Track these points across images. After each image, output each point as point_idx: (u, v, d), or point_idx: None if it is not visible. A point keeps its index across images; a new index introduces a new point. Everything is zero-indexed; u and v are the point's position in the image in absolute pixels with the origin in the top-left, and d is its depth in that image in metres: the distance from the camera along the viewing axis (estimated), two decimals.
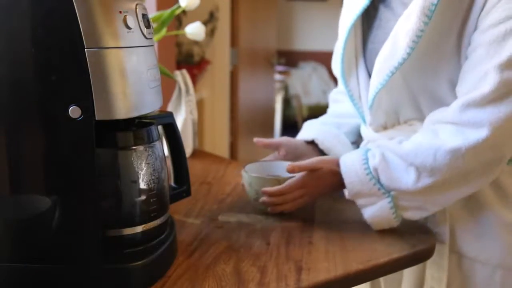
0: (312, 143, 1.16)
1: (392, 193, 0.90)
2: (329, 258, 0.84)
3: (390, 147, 0.92)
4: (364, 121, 1.09)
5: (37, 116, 0.68)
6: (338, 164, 0.95)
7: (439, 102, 0.94)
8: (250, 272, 0.79)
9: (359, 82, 1.07)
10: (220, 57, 2.96)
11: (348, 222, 0.98)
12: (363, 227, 0.95)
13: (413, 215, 0.93)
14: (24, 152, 0.69)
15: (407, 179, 0.88)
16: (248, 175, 1.02)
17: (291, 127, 6.06)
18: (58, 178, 0.69)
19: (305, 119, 6.60)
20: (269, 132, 4.14)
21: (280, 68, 5.85)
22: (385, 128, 1.04)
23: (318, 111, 6.91)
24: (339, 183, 0.94)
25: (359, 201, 0.93)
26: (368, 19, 1.05)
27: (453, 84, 0.92)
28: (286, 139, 1.16)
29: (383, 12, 1.02)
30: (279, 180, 1.00)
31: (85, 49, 0.65)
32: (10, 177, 0.70)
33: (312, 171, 0.96)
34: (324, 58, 6.63)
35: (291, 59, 6.54)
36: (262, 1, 3.56)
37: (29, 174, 0.70)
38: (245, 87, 3.21)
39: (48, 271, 0.71)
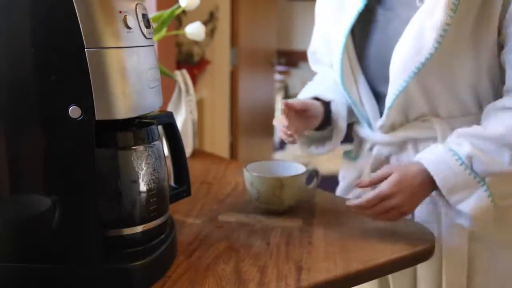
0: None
1: (487, 179, 0.88)
2: (329, 258, 0.84)
3: (474, 133, 0.91)
4: (369, 124, 1.08)
5: (37, 116, 0.68)
6: (418, 167, 0.90)
7: (456, 98, 0.96)
8: (250, 272, 0.79)
9: (359, 89, 1.06)
10: (220, 57, 2.96)
11: (348, 222, 0.98)
12: (363, 227, 0.95)
13: (508, 202, 0.93)
14: (24, 152, 0.69)
15: (502, 160, 0.88)
16: (250, 174, 1.02)
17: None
18: (58, 178, 0.69)
19: None
20: (269, 132, 4.14)
21: (280, 68, 5.85)
22: (393, 129, 1.03)
23: None
24: (429, 183, 0.90)
25: (454, 197, 0.89)
26: (360, 24, 1.03)
27: (469, 81, 0.94)
28: (311, 102, 1.08)
29: (381, 15, 1.02)
30: (280, 180, 1.00)
31: (85, 49, 0.65)
32: (10, 177, 0.70)
33: (397, 182, 0.90)
34: None
35: (291, 59, 6.54)
36: (262, 1, 3.56)
37: (29, 174, 0.70)
38: (245, 87, 3.21)
39: (48, 271, 0.71)
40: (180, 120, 1.39)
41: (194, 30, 1.30)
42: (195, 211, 1.03)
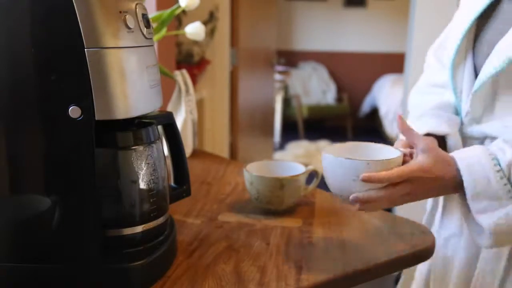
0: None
1: None
2: (329, 258, 0.84)
3: None
4: (461, 116, 1.02)
5: (37, 116, 0.68)
6: (451, 163, 0.80)
7: None
8: (250, 272, 0.79)
9: (465, 74, 1.00)
10: (220, 57, 2.96)
11: (348, 222, 0.98)
12: (363, 227, 0.95)
13: None
14: (24, 152, 0.69)
15: None
16: (250, 174, 1.03)
17: (291, 127, 6.07)
18: (58, 178, 0.69)
19: (305, 119, 6.59)
20: (269, 132, 4.14)
21: (280, 68, 5.86)
22: (479, 122, 0.97)
23: (318, 111, 6.94)
24: (454, 184, 0.79)
25: (478, 205, 0.78)
26: (485, 9, 0.98)
27: None
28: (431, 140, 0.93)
29: (506, 3, 0.96)
30: (280, 180, 1.00)
31: (85, 49, 0.65)
32: (10, 177, 0.70)
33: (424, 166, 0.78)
34: (324, 58, 6.64)
35: (291, 59, 6.55)
36: (262, 1, 3.56)
37: (29, 174, 0.70)
38: (245, 87, 3.21)
39: (48, 271, 0.71)
40: (180, 120, 1.39)
41: (194, 30, 1.30)
42: (195, 211, 1.03)
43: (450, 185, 0.80)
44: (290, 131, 6.01)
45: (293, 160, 2.81)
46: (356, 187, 0.76)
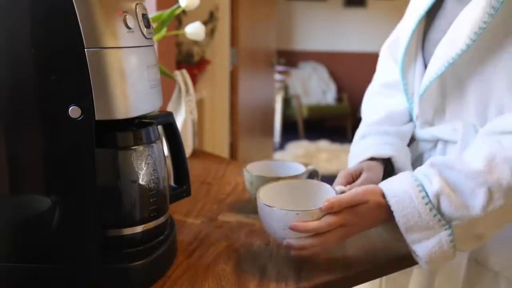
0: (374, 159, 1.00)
1: (453, 223, 0.76)
2: (329, 258, 0.84)
3: (450, 164, 0.79)
4: (413, 117, 1.03)
5: (37, 116, 0.68)
6: (383, 195, 0.79)
7: (492, 103, 0.87)
8: (250, 272, 0.79)
9: (415, 74, 1.01)
10: (220, 57, 2.96)
11: None
12: None
13: (472, 246, 0.82)
14: (24, 152, 0.69)
15: (474, 203, 0.75)
16: (250, 174, 1.03)
17: (291, 127, 6.07)
18: (58, 178, 0.69)
19: (305, 119, 6.57)
20: (269, 132, 4.14)
21: (280, 68, 5.86)
22: (431, 124, 0.98)
23: (318, 111, 6.93)
24: (386, 217, 0.79)
25: (412, 237, 0.78)
26: (431, 8, 0.99)
27: (511, 84, 0.84)
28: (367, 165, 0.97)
29: (451, 4, 0.96)
30: (280, 179, 1.00)
31: (85, 49, 0.65)
32: (10, 177, 0.70)
33: (355, 205, 0.78)
34: (324, 58, 6.64)
35: (291, 59, 6.55)
36: (262, 1, 3.56)
37: (29, 174, 0.70)
38: (245, 87, 3.21)
39: (48, 271, 0.71)
40: (180, 120, 1.39)
41: (194, 30, 1.30)
42: (195, 211, 1.03)
43: (384, 217, 0.80)
44: (290, 131, 6.01)
45: (293, 160, 2.81)
46: (289, 234, 0.77)
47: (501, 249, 0.89)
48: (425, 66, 0.99)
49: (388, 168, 1.01)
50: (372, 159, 0.99)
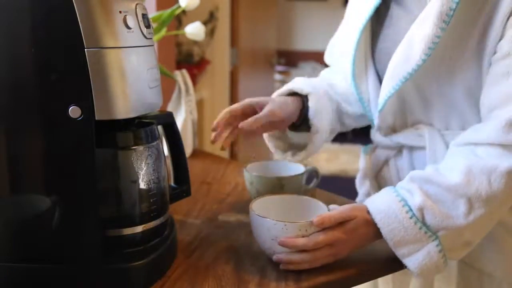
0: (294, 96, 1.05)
1: (439, 233, 0.78)
2: None
3: (428, 178, 0.81)
4: (373, 124, 1.05)
5: (37, 116, 0.68)
6: (368, 212, 0.81)
7: (453, 108, 0.91)
8: (250, 272, 0.79)
9: (368, 84, 1.03)
10: (220, 57, 2.96)
11: None
12: None
13: (461, 253, 0.83)
14: (24, 152, 0.69)
15: (456, 213, 0.78)
16: (250, 174, 1.03)
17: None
18: (58, 178, 0.69)
19: None
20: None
21: (280, 68, 5.86)
22: (394, 130, 1.00)
23: None
24: (374, 234, 0.81)
25: (401, 251, 0.79)
26: (378, 17, 1.01)
27: (469, 91, 0.88)
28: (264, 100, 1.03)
29: (394, 10, 0.98)
30: (280, 180, 1.00)
31: (85, 49, 0.65)
32: (10, 177, 0.70)
33: (343, 222, 0.80)
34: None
35: (291, 59, 6.54)
36: (262, 1, 3.56)
37: (29, 174, 0.70)
38: (245, 87, 3.21)
39: (48, 271, 0.71)
40: (180, 120, 1.39)
41: (194, 30, 1.30)
42: (195, 211, 1.03)
43: (372, 235, 0.81)
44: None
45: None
46: (278, 246, 0.78)
47: (480, 250, 0.90)
48: (377, 74, 1.02)
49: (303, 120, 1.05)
50: (292, 95, 1.05)
